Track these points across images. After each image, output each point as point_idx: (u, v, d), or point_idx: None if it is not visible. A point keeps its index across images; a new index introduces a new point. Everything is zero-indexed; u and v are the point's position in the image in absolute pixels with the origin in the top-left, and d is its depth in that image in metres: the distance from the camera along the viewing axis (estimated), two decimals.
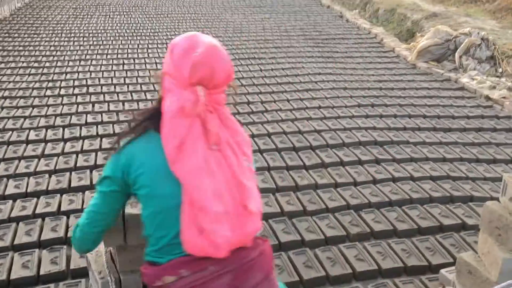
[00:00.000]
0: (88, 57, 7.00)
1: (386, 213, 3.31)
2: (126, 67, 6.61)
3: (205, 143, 1.37)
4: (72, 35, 8.24)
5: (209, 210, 1.34)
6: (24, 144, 4.23)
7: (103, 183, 1.48)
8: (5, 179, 3.63)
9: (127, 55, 7.14)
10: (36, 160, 3.94)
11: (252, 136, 4.38)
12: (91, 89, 5.69)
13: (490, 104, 5.51)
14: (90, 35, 8.26)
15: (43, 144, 4.25)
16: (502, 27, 8.06)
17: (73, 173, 3.73)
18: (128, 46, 7.63)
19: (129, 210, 1.67)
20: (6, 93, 5.47)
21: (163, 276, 1.42)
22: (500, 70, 6.49)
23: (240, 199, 1.39)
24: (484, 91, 5.76)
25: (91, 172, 3.75)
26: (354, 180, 3.73)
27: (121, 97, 5.46)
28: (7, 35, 8.11)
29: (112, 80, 6.03)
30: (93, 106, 5.20)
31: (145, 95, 5.54)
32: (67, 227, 3.07)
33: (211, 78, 1.37)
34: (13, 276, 2.65)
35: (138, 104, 5.25)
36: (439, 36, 6.99)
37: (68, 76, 6.16)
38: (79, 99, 5.38)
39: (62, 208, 3.28)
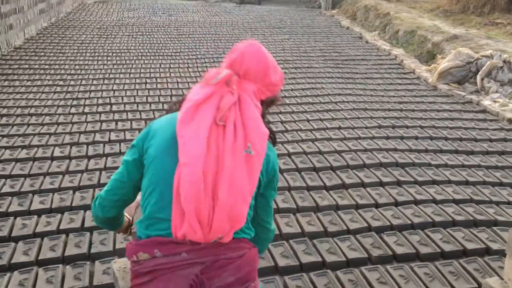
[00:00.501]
0: (111, 76, 7.15)
1: (409, 236, 3.27)
2: (148, 86, 6.74)
3: (214, 116, 1.45)
4: (96, 54, 8.44)
5: (185, 186, 1.37)
6: (49, 161, 4.32)
7: (128, 152, 1.62)
8: (30, 195, 3.71)
9: (150, 74, 7.27)
10: (60, 176, 4.02)
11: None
12: (114, 107, 5.80)
13: None
14: (114, 54, 8.45)
15: (67, 160, 4.33)
16: None
17: (96, 189, 3.79)
18: (151, 65, 7.78)
19: None
20: (32, 110, 5.61)
21: (138, 252, 1.47)
22: None
23: (213, 189, 1.39)
24: (506, 114, 5.70)
25: None
26: (375, 201, 3.71)
27: (143, 116, 5.55)
28: (33, 53, 8.34)
29: (135, 99, 6.14)
30: (116, 124, 5.29)
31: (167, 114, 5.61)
32: (91, 243, 3.12)
33: (240, 65, 1.53)
34: None
35: None
36: (460, 58, 6.96)
37: (92, 94, 6.30)
38: (103, 117, 5.49)
39: (86, 224, 3.32)
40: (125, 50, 8.75)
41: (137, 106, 5.89)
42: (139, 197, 1.70)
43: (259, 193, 1.57)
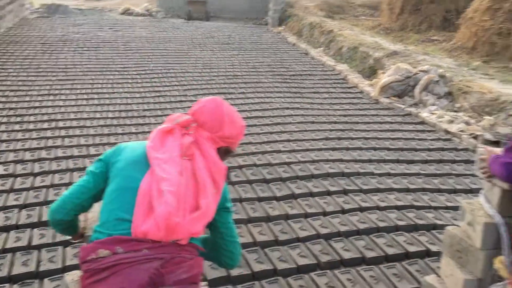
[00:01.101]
0: (57, 91, 6.99)
1: (355, 241, 3.43)
2: (96, 101, 6.64)
3: (180, 150, 1.70)
4: (41, 69, 8.21)
5: (166, 194, 1.58)
6: None
7: (94, 164, 1.81)
8: None
9: (97, 90, 7.17)
10: (5, 194, 3.89)
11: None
12: (60, 124, 5.67)
13: (449, 137, 5.81)
14: (59, 70, 8.26)
15: (12, 178, 4.20)
16: (458, 65, 8.56)
17: (43, 207, 3.70)
18: (98, 81, 7.68)
19: None
20: None
21: (98, 249, 1.57)
22: (457, 105, 6.87)
23: (191, 202, 1.63)
24: (443, 125, 6.07)
25: None
26: (323, 210, 3.86)
27: (91, 131, 5.47)
28: None
29: (82, 115, 6.04)
30: (63, 140, 5.18)
31: (115, 129, 5.57)
32: (38, 261, 3.04)
33: (200, 116, 1.79)
34: None
35: (108, 138, 5.27)
36: (399, 73, 7.36)
37: (37, 110, 6.13)
38: (49, 133, 5.36)
39: (33, 243, 3.24)
40: (71, 66, 8.58)
41: (85, 121, 5.79)
42: (93, 207, 1.85)
43: (216, 215, 1.80)
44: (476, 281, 2.14)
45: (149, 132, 5.51)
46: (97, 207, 1.82)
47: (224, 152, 1.88)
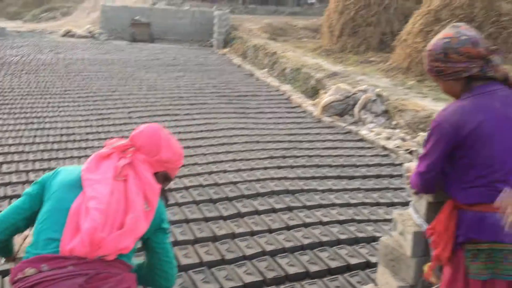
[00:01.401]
0: None
1: (299, 256, 3.53)
2: (35, 125, 6.46)
3: (114, 172, 1.77)
4: None
5: (92, 211, 1.65)
6: None
7: (32, 186, 1.87)
8: None
9: (37, 114, 6.97)
10: None
11: (170, 190, 4.46)
12: None
13: (387, 153, 6.10)
14: None
15: None
16: (394, 84, 9.03)
17: None
18: (38, 104, 7.46)
19: None
20: None
21: (25, 268, 1.61)
22: (393, 122, 7.24)
23: (121, 219, 1.70)
24: (381, 142, 6.38)
25: None
26: (269, 227, 3.94)
27: (30, 157, 5.31)
28: None
29: (20, 140, 5.85)
30: (0, 166, 4.99)
31: (57, 154, 5.43)
32: None
33: (137, 140, 1.89)
34: None
35: (49, 162, 5.13)
36: (340, 93, 7.68)
37: None
38: None
39: None
40: (8, 89, 8.29)
41: (24, 147, 5.61)
42: (26, 232, 1.89)
43: (151, 235, 1.87)
44: (409, 287, 2.28)
45: (88, 156, 5.41)
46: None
47: (163, 178, 1.95)
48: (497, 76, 1.87)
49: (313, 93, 9.21)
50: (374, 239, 3.88)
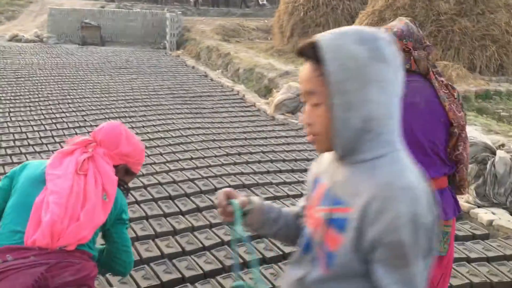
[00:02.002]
0: None
1: (256, 244, 3.73)
2: None
3: (75, 167, 1.91)
4: None
5: (52, 205, 1.79)
6: None
7: (2, 180, 2.02)
8: None
9: None
10: None
11: (128, 189, 4.55)
12: None
13: None
14: None
15: None
16: None
17: None
18: None
19: None
20: None
21: None
22: None
23: (79, 212, 1.85)
24: None
25: None
26: None
27: None
28: None
29: None
30: None
31: (11, 158, 5.39)
32: None
33: (98, 135, 2.04)
34: None
35: (3, 167, 5.10)
36: (291, 91, 7.96)
37: None
38: None
39: None
40: None
41: None
42: None
43: (111, 225, 2.02)
44: None
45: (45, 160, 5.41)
46: None
47: (124, 172, 2.10)
48: (420, 70, 2.12)
49: (266, 92, 9.47)
50: None
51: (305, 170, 5.44)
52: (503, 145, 5.00)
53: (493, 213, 4.13)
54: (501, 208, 4.24)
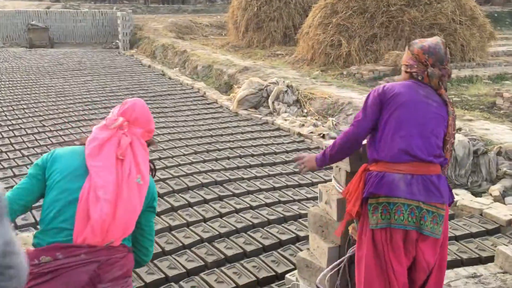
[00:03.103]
0: None
1: (235, 239, 3.78)
2: None
3: (115, 152, 1.87)
4: None
5: (102, 201, 1.78)
6: None
7: (33, 167, 1.94)
8: None
9: None
10: None
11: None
12: None
13: (302, 139, 6.54)
14: None
15: None
16: (301, 75, 9.59)
17: None
18: None
19: None
20: None
21: (40, 256, 1.74)
22: (305, 110, 7.74)
23: (122, 205, 1.83)
24: (295, 129, 6.82)
25: None
26: (203, 217, 4.15)
27: None
28: None
29: None
30: None
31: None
32: None
33: (131, 114, 1.98)
34: None
35: None
36: (253, 86, 8.02)
37: None
38: None
39: None
40: None
41: None
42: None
43: (142, 213, 1.96)
44: (337, 247, 2.62)
45: (4, 168, 5.21)
46: None
47: (148, 145, 2.06)
48: (432, 84, 2.29)
49: (227, 88, 9.49)
50: (300, 216, 4.25)
51: (274, 164, 5.53)
52: (460, 129, 5.27)
53: (457, 194, 4.35)
54: (463, 189, 4.48)
